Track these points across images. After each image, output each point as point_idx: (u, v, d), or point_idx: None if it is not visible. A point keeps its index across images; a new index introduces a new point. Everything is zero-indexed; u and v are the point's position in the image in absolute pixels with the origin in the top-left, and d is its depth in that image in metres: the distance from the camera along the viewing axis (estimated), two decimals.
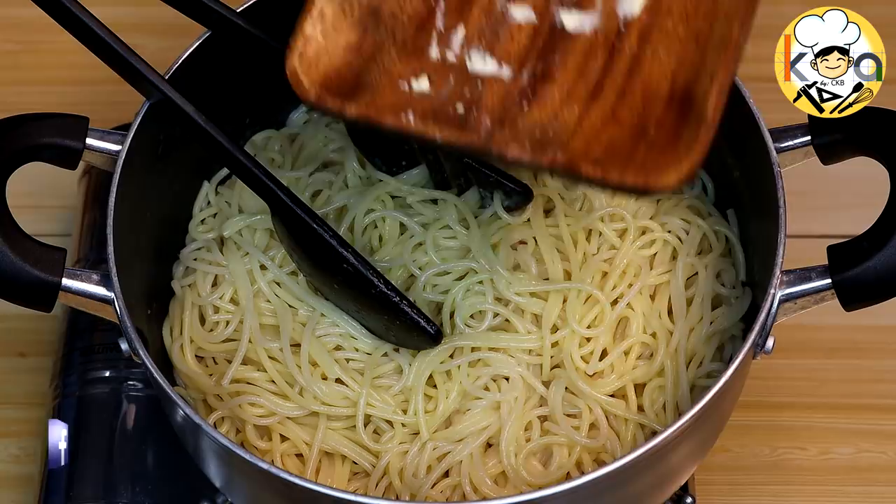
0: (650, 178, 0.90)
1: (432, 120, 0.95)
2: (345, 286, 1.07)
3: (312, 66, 0.97)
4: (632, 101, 0.96)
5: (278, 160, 1.21)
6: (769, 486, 1.26)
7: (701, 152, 0.91)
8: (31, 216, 1.14)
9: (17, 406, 1.31)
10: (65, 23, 1.04)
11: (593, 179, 0.91)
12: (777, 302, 1.02)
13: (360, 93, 0.97)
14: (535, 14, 1.01)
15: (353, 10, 1.00)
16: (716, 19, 0.95)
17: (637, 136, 0.94)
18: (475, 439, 1.08)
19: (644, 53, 0.98)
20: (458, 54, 1.00)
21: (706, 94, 0.93)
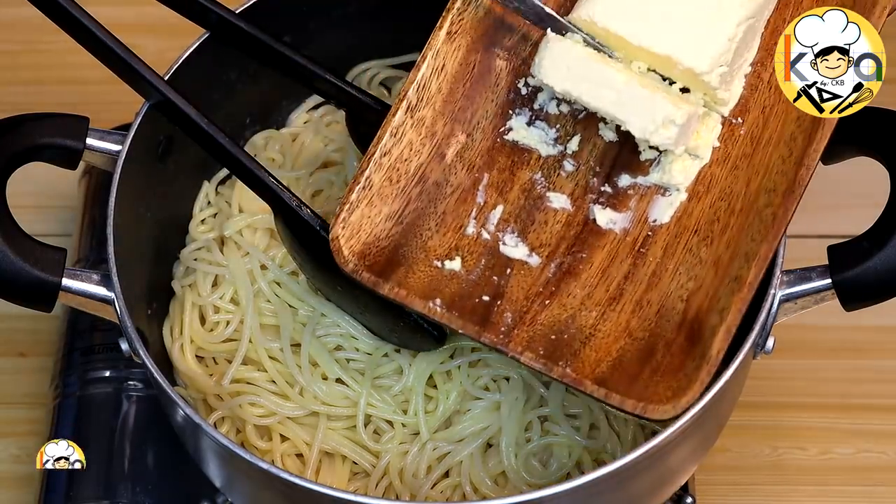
0: (647, 409, 0.95)
1: (457, 310, 1.00)
2: (348, 288, 1.07)
3: (354, 235, 1.01)
4: (647, 315, 1.00)
5: (278, 160, 1.21)
6: (769, 486, 1.26)
7: (699, 390, 0.95)
8: (31, 216, 1.14)
9: (17, 406, 1.31)
10: (63, 24, 1.04)
11: (595, 398, 0.97)
12: (777, 302, 1.02)
13: (395, 268, 1.02)
14: (571, 204, 1.05)
15: (400, 178, 1.04)
16: (736, 254, 0.99)
17: (645, 356, 0.98)
18: (475, 439, 1.08)
19: (666, 267, 1.01)
20: (492, 233, 1.05)
21: (714, 329, 0.96)
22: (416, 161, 1.04)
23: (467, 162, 1.05)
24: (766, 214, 0.99)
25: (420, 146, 1.04)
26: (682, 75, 1.02)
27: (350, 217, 1.02)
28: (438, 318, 1.00)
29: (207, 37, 1.13)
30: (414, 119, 1.04)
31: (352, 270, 1.01)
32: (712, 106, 1.03)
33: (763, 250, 0.97)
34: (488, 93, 1.06)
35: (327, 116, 1.23)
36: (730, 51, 1.01)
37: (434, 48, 1.04)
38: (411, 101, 1.04)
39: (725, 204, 1.02)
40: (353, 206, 1.02)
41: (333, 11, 1.20)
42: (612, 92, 0.99)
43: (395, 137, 1.04)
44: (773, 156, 1.01)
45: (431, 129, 1.05)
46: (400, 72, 1.25)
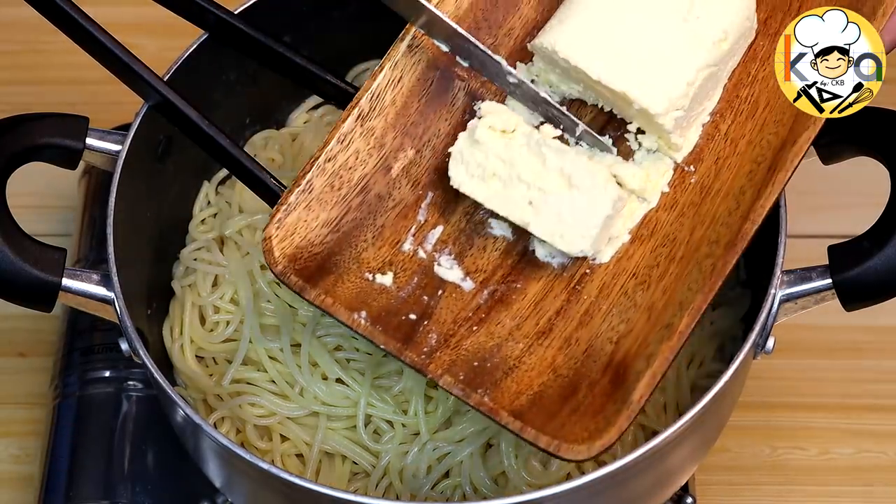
0: (561, 448, 0.93)
1: (382, 325, 0.98)
2: None
3: (287, 237, 1.00)
4: (574, 353, 0.99)
5: (278, 160, 1.21)
6: (769, 486, 1.25)
7: (615, 435, 0.93)
8: (31, 216, 1.14)
9: (17, 406, 1.31)
10: (61, 24, 1.04)
11: (510, 430, 0.95)
12: (777, 302, 1.02)
13: (325, 275, 1.00)
14: (512, 233, 1.04)
15: (342, 186, 1.02)
16: (671, 302, 0.97)
17: (566, 393, 0.97)
18: (475, 440, 1.08)
19: (599, 307, 1.00)
20: (429, 253, 1.03)
21: (639, 375, 0.95)
22: (360, 171, 1.02)
23: (413, 178, 1.04)
24: (705, 265, 0.97)
25: (367, 156, 1.03)
26: (638, 115, 1.01)
27: (286, 218, 1.00)
28: (362, 331, 0.98)
29: (207, 37, 1.13)
30: (364, 128, 1.02)
31: (280, 272, 0.99)
32: (665, 150, 1.03)
33: (698, 301, 0.96)
34: (443, 111, 1.05)
35: (327, 116, 1.23)
36: (687, 95, 1.00)
37: (393, 59, 1.03)
38: (363, 109, 1.02)
39: (667, 250, 1.00)
40: (291, 207, 1.01)
41: (333, 11, 1.20)
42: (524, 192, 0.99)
43: (342, 144, 1.02)
44: (721, 207, 1.00)
45: (381, 140, 1.03)
46: None
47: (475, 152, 1.00)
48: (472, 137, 1.00)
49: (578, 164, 0.98)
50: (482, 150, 0.99)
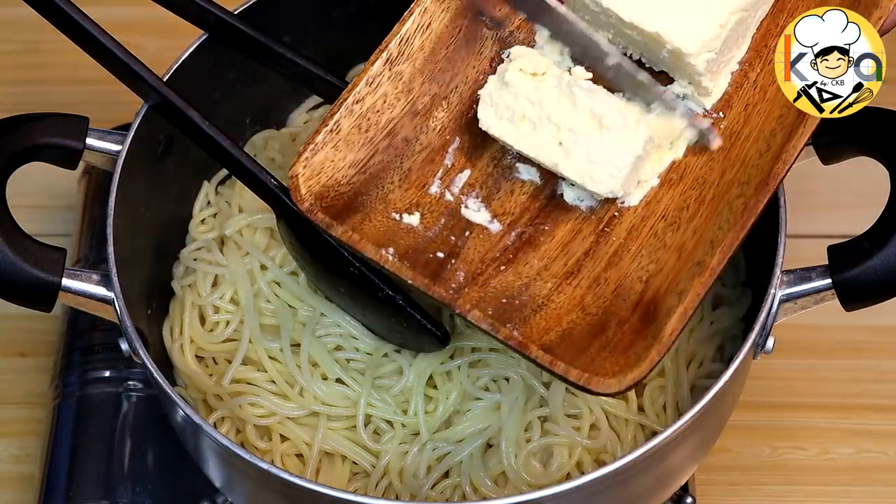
0: (592, 381, 0.94)
1: (409, 262, 0.99)
2: (351, 290, 1.07)
3: (314, 176, 1.01)
4: (603, 292, 1.00)
5: (278, 160, 1.21)
6: (769, 486, 1.25)
7: (647, 368, 0.94)
8: (31, 216, 1.14)
9: (17, 406, 1.31)
10: (61, 25, 1.04)
11: (540, 364, 0.95)
12: (777, 302, 1.02)
13: (352, 213, 1.00)
14: (539, 177, 1.04)
15: (370, 128, 1.03)
16: (701, 241, 0.98)
17: (596, 331, 0.98)
18: (475, 440, 1.08)
19: (628, 248, 1.01)
20: (456, 196, 1.04)
21: (670, 311, 0.95)
22: (388, 114, 1.04)
23: (440, 123, 1.05)
24: (736, 205, 0.98)
25: (394, 100, 1.04)
26: (669, 59, 1.01)
27: (313, 157, 1.01)
28: (389, 266, 0.99)
29: (207, 37, 1.13)
30: (392, 72, 1.04)
31: (307, 209, 1.00)
32: (695, 97, 1.03)
33: (729, 238, 0.97)
34: (471, 59, 1.06)
35: None
36: (719, 38, 1.00)
37: (422, 5, 1.04)
38: (392, 53, 1.04)
39: (697, 192, 1.01)
40: (318, 147, 1.02)
41: (333, 11, 1.20)
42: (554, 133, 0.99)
43: (370, 87, 1.03)
44: (751, 150, 1.01)
45: (408, 85, 1.04)
46: None
47: (504, 94, 1.00)
48: (501, 80, 1.00)
49: (609, 104, 0.98)
50: (511, 92, 1.00)
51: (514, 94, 0.99)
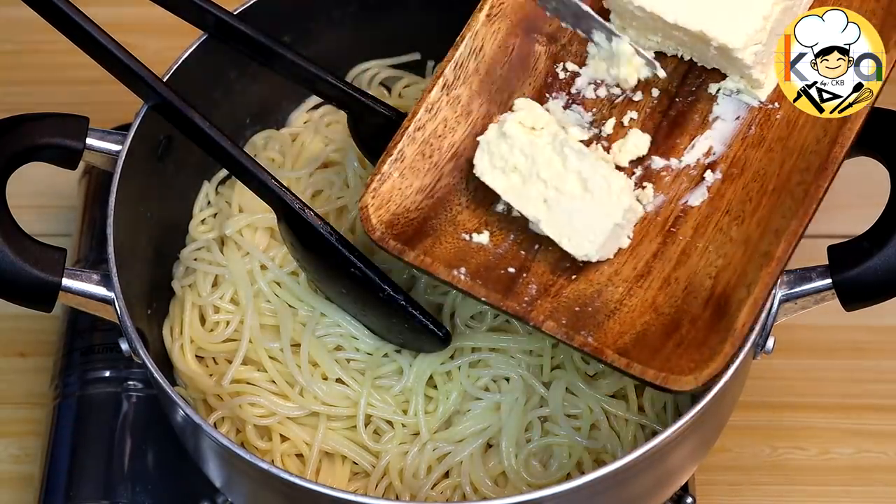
0: (669, 379, 0.96)
1: (481, 280, 1.01)
2: (352, 290, 1.07)
3: (383, 205, 1.03)
4: (674, 292, 1.01)
5: (278, 160, 1.21)
6: (769, 486, 1.25)
7: (722, 363, 0.96)
8: (31, 216, 1.14)
9: (17, 406, 1.31)
10: (60, 26, 1.04)
11: (616, 368, 0.97)
12: (777, 302, 1.02)
13: (423, 238, 1.02)
14: None
15: (433, 153, 1.05)
16: (766, 231, 0.99)
17: (669, 330, 0.99)
18: (475, 440, 1.08)
19: (695, 246, 1.02)
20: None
21: (741, 303, 0.97)
22: (450, 138, 1.05)
23: None
24: (798, 192, 0.99)
25: (455, 124, 1.05)
26: (717, 55, 1.02)
27: (381, 187, 1.03)
28: (462, 286, 1.00)
29: (207, 37, 1.13)
30: (450, 97, 1.05)
31: (378, 238, 1.02)
32: (749, 91, 1.04)
33: (793, 226, 0.98)
34: (526, 76, 1.07)
35: (327, 116, 1.23)
36: (764, 29, 1.00)
37: (473, 29, 1.06)
38: (448, 78, 1.05)
39: (758, 185, 1.02)
40: (385, 176, 1.03)
41: (333, 11, 1.20)
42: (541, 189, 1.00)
43: (430, 113, 1.05)
44: (808, 137, 1.02)
45: (467, 107, 1.05)
46: (400, 72, 1.25)
47: (501, 144, 1.01)
48: (500, 130, 1.01)
49: (597, 170, 0.99)
50: (508, 144, 1.01)
51: (510, 145, 1.01)
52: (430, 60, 1.26)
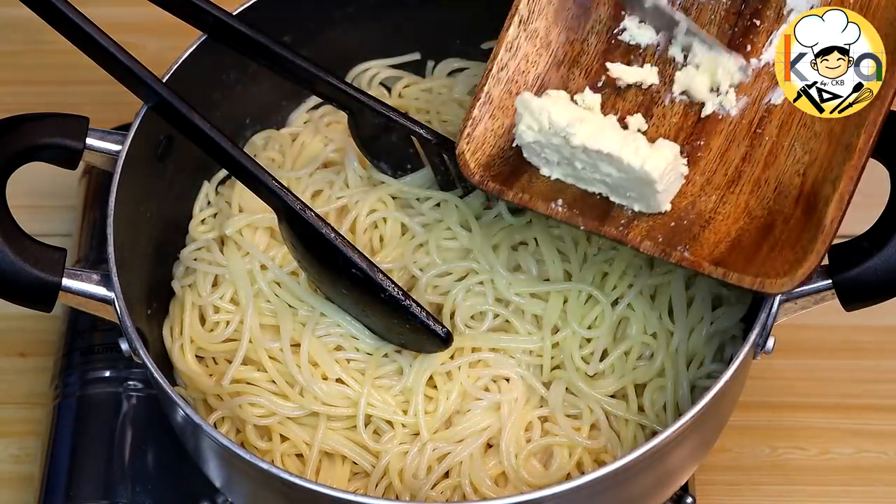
0: (766, 283, 0.97)
1: (578, 209, 1.02)
2: (354, 291, 1.07)
3: (479, 148, 1.05)
4: (765, 193, 1.02)
5: (278, 160, 1.21)
6: (769, 486, 1.25)
7: (815, 262, 0.97)
8: (31, 216, 1.14)
9: (17, 406, 1.31)
10: (59, 26, 1.04)
11: (713, 278, 0.98)
12: (777, 302, 1.02)
13: (519, 175, 1.04)
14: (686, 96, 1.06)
15: (519, 89, 1.06)
16: (848, 123, 1.00)
17: (763, 233, 1.00)
18: (475, 440, 1.08)
19: (781, 144, 1.03)
20: None
21: (828, 200, 0.98)
22: (533, 72, 1.06)
23: (584, 67, 1.08)
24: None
25: (536, 57, 1.06)
26: None
27: (474, 132, 1.05)
28: (560, 217, 1.02)
29: (207, 37, 1.13)
30: (527, 31, 1.06)
31: (478, 181, 1.04)
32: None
33: (871, 116, 0.98)
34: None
35: (327, 116, 1.23)
36: None
37: None
38: (523, 14, 1.06)
39: None
40: (476, 121, 1.05)
41: (333, 11, 1.20)
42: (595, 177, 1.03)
43: (511, 52, 1.06)
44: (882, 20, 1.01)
45: (546, 39, 1.07)
46: (400, 72, 1.25)
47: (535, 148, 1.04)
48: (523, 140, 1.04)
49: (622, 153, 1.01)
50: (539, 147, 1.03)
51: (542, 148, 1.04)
52: (430, 60, 1.26)
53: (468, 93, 1.24)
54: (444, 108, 1.23)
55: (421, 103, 1.24)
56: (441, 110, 1.23)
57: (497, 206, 1.13)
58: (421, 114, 1.23)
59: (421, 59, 1.26)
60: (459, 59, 1.26)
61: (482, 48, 1.25)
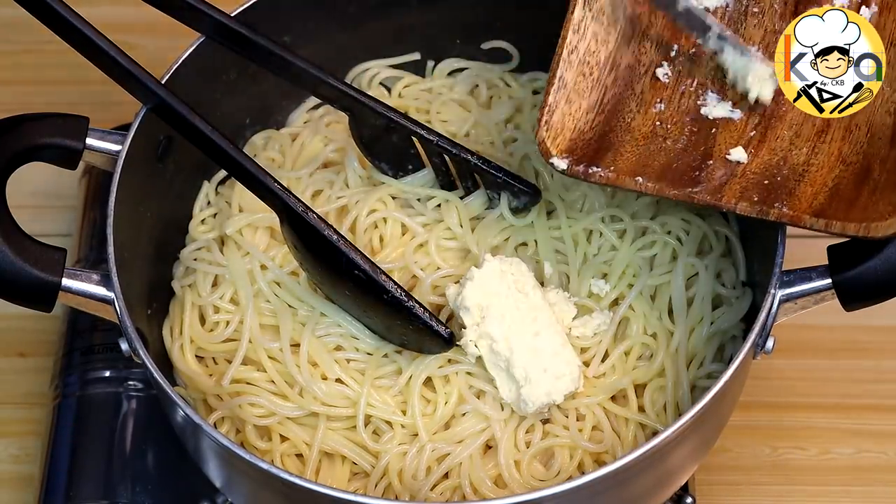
0: (870, 229, 0.96)
1: (667, 180, 1.01)
2: (356, 292, 1.06)
3: (559, 134, 1.04)
4: (857, 138, 1.01)
5: (278, 160, 1.21)
6: (769, 486, 1.25)
7: None
8: (31, 216, 1.14)
9: (17, 406, 1.31)
10: (58, 28, 1.04)
11: (815, 230, 0.98)
12: (777, 302, 1.02)
13: (603, 154, 1.03)
14: (763, 51, 1.06)
15: (592, 70, 1.06)
16: None
17: (861, 178, 0.99)
18: (475, 440, 1.07)
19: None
20: (691, 101, 1.06)
21: None
22: (604, 50, 1.06)
23: (654, 38, 1.07)
24: None
25: (605, 35, 1.06)
26: None
27: (552, 118, 1.04)
28: (650, 192, 1.02)
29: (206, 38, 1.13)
30: (593, 11, 1.06)
31: (563, 169, 1.03)
32: None
33: None
34: None
35: (327, 116, 1.23)
36: None
37: None
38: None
39: None
40: (553, 107, 1.04)
41: (333, 11, 1.20)
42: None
43: (579, 33, 1.05)
44: None
45: (612, 16, 1.06)
46: (400, 72, 1.25)
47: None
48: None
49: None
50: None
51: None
52: (430, 60, 1.26)
53: (468, 93, 1.24)
54: (444, 108, 1.23)
55: (421, 103, 1.24)
56: (441, 110, 1.23)
57: (498, 206, 1.13)
58: (421, 114, 1.23)
59: (421, 59, 1.26)
60: (459, 59, 1.26)
61: (482, 48, 1.25)
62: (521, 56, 1.25)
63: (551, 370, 1.05)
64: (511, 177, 1.12)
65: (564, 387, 1.05)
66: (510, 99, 1.24)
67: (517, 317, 1.06)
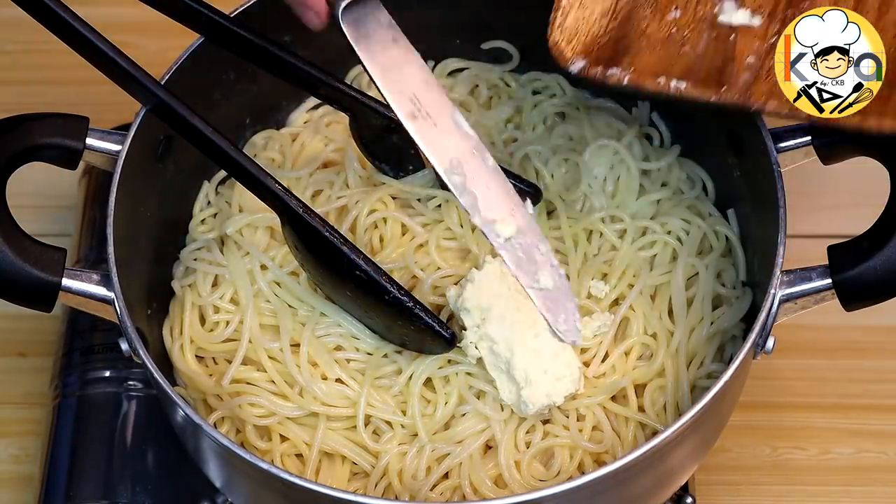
0: None
1: (691, 80, 1.00)
2: (358, 293, 1.06)
3: (573, 37, 1.03)
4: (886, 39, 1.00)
5: (278, 160, 1.21)
6: (769, 486, 1.25)
7: None
8: (31, 216, 1.14)
9: (17, 406, 1.31)
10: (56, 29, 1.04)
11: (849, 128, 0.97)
12: (777, 302, 1.02)
13: (620, 59, 1.02)
14: None
15: None
16: None
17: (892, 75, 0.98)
18: (475, 441, 1.07)
19: None
20: (707, 7, 1.04)
21: None
22: None
23: None
24: None
25: None
26: None
27: (565, 22, 1.03)
28: (673, 92, 1.01)
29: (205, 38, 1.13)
30: None
31: (579, 70, 1.02)
32: None
33: None
34: None
35: (327, 116, 1.23)
36: None
37: None
38: None
39: None
40: (566, 10, 1.04)
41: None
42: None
43: None
44: None
45: None
46: None
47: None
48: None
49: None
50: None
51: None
52: (429, 60, 1.26)
53: (468, 93, 1.24)
54: None
55: None
56: None
57: None
58: None
59: None
60: (459, 59, 1.26)
61: (482, 48, 1.25)
62: (521, 56, 1.25)
63: (552, 372, 1.05)
64: (511, 176, 1.12)
65: (565, 388, 1.05)
66: (510, 99, 1.24)
67: (518, 318, 1.05)
